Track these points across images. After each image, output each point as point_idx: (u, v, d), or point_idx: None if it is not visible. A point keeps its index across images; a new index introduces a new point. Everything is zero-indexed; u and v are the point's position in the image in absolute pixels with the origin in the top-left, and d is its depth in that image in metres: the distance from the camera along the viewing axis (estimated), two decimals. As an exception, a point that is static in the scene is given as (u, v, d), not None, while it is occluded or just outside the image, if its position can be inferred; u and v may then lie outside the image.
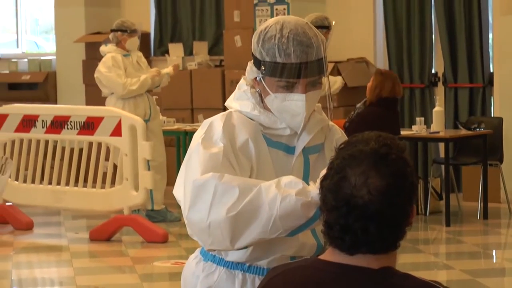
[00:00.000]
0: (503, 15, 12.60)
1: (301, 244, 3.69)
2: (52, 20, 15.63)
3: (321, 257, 2.93)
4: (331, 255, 2.88)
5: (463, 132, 12.05)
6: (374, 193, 2.73)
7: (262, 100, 3.75)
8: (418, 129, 11.72)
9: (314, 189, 3.34)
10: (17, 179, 11.90)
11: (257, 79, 3.71)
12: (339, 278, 2.84)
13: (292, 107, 3.68)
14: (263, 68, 3.67)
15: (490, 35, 13.05)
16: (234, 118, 3.73)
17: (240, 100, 3.76)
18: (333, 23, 11.48)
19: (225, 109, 3.86)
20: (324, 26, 11.16)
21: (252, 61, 3.73)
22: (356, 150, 2.82)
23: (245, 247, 3.59)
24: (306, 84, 3.67)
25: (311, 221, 3.42)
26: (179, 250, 10.06)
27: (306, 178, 3.68)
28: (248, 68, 3.75)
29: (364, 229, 2.75)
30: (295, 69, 3.64)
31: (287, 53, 3.63)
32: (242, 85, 3.79)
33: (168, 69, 11.89)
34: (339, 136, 3.84)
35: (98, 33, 14.14)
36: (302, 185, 3.40)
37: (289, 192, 3.36)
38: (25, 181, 11.85)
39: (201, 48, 14.01)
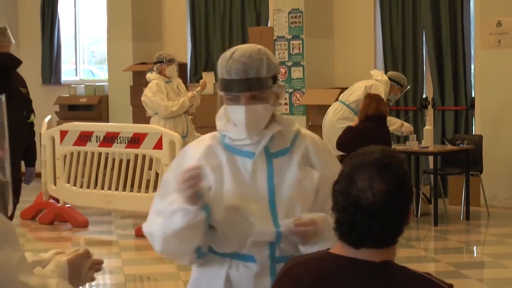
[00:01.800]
0: (483, 49, 12.56)
1: (260, 232, 3.63)
2: (105, 52, 15.63)
3: (331, 250, 2.94)
4: (339, 248, 2.91)
5: (449, 147, 12.01)
6: (378, 196, 2.79)
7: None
8: (411, 144, 11.68)
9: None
10: (75, 185, 11.92)
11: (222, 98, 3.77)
12: (347, 270, 2.86)
13: (236, 117, 3.71)
14: (219, 85, 3.75)
15: (472, 66, 12.99)
16: (205, 144, 3.80)
17: (218, 120, 3.80)
18: (408, 86, 11.72)
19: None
20: (399, 83, 11.70)
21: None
22: (363, 160, 2.87)
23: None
24: (248, 98, 3.65)
25: None
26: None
27: (270, 177, 3.72)
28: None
29: (369, 226, 2.81)
30: (234, 84, 3.67)
31: (227, 71, 3.67)
32: (223, 107, 3.82)
33: (198, 88, 11.93)
34: (309, 141, 3.80)
35: (144, 63, 14.22)
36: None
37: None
38: (81, 187, 11.85)
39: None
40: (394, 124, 11.66)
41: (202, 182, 3.53)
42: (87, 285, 9.27)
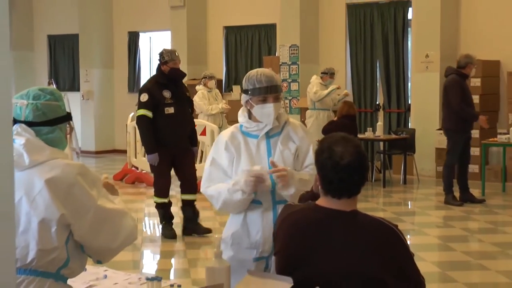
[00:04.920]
0: (416, 72, 12.49)
1: (263, 192, 3.72)
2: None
3: (317, 203, 2.89)
4: (323, 202, 2.86)
5: (393, 136, 12.00)
6: (352, 156, 2.77)
7: (249, 114, 3.79)
8: (368, 134, 11.67)
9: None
10: (148, 158, 11.95)
11: (247, 101, 3.77)
12: (329, 217, 2.82)
13: (267, 112, 3.73)
14: (250, 93, 3.73)
15: (409, 83, 12.95)
16: (230, 131, 3.87)
17: (239, 117, 3.83)
18: (331, 71, 11.83)
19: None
20: (324, 73, 11.89)
21: (243, 93, 3.80)
22: (335, 138, 2.85)
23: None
24: (272, 98, 3.73)
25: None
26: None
27: (269, 150, 3.78)
28: (241, 98, 3.83)
29: (350, 178, 2.78)
30: (264, 89, 3.71)
31: (259, 81, 3.72)
32: (242, 108, 3.84)
33: (225, 105, 11.97)
34: (291, 126, 3.84)
35: (194, 79, 14.14)
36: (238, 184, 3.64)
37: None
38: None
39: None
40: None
41: (262, 184, 3.61)
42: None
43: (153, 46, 16.68)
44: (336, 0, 13.54)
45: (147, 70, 16.67)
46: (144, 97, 7.49)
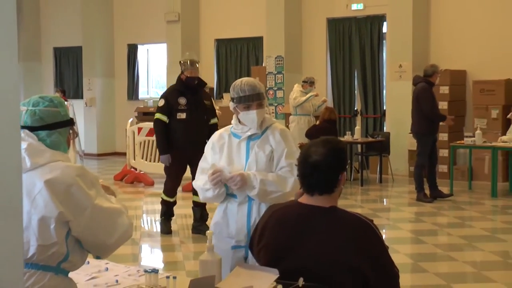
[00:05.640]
0: (391, 81, 12.53)
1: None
2: (165, 80, 15.64)
3: (300, 200, 2.90)
4: (305, 199, 2.87)
5: (370, 139, 12.03)
6: (319, 156, 2.78)
7: (238, 118, 3.81)
8: (347, 137, 11.66)
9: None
10: (146, 160, 11.92)
11: (234, 108, 3.80)
12: (311, 213, 2.83)
13: (251, 117, 3.75)
14: (235, 101, 3.76)
15: (384, 91, 12.98)
16: (219, 133, 3.94)
17: (233, 119, 3.86)
18: (312, 80, 11.59)
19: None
20: (305, 82, 11.88)
21: (230, 101, 3.84)
22: (316, 141, 2.89)
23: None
24: (255, 105, 3.74)
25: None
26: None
27: (247, 152, 3.79)
28: (230, 105, 3.85)
29: (317, 176, 2.79)
30: (247, 98, 3.73)
31: (242, 90, 3.74)
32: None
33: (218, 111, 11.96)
34: (271, 131, 3.83)
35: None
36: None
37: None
38: (150, 161, 11.87)
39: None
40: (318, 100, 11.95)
41: (221, 180, 3.70)
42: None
43: (150, 57, 16.67)
44: (317, 15, 13.57)
45: (145, 79, 16.69)
46: (161, 102, 7.48)
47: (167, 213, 7.92)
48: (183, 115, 7.40)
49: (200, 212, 7.79)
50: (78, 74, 17.07)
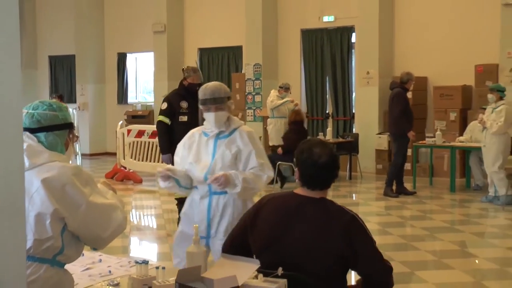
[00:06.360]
0: (359, 87, 12.58)
1: (196, 177, 3.91)
2: (152, 86, 15.58)
3: (295, 191, 2.94)
4: (300, 191, 2.91)
5: (340, 140, 12.04)
6: (328, 157, 2.85)
7: None
8: (320, 138, 11.64)
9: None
10: (135, 159, 11.87)
11: (200, 109, 3.94)
12: (303, 202, 2.87)
13: (210, 118, 3.85)
14: (200, 102, 3.89)
15: (353, 95, 13.02)
16: (192, 132, 4.03)
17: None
18: (287, 86, 11.57)
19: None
20: (280, 87, 11.56)
21: None
22: (314, 142, 2.94)
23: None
24: (215, 108, 3.81)
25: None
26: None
27: (214, 148, 3.86)
28: None
29: (326, 175, 2.86)
30: (206, 101, 3.82)
31: (204, 94, 3.83)
32: None
33: None
34: (239, 132, 3.88)
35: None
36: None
37: None
38: (138, 160, 11.83)
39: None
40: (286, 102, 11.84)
41: (170, 176, 3.84)
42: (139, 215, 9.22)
43: (138, 65, 16.57)
44: (292, 27, 13.59)
45: (133, 85, 16.62)
46: (164, 106, 7.39)
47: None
48: (184, 118, 7.32)
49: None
50: (72, 81, 16.96)
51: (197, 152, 3.89)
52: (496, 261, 6.31)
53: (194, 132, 3.98)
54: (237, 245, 3.02)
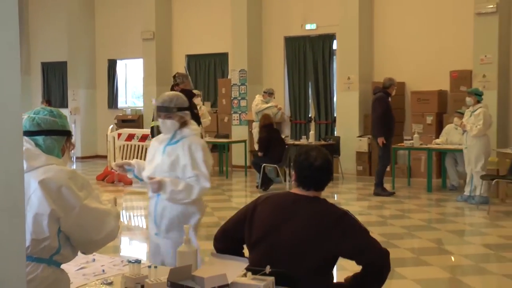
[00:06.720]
0: (340, 91, 12.62)
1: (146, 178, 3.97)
2: (142, 91, 15.53)
3: (292, 191, 3.00)
4: (296, 190, 2.98)
5: (323, 142, 11.99)
6: (323, 160, 2.94)
7: None
8: (303, 141, 11.65)
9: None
10: (125, 162, 11.82)
11: None
12: (299, 200, 2.93)
13: (160, 125, 3.88)
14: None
15: (335, 99, 13.04)
16: (159, 135, 4.03)
17: None
18: (271, 92, 11.50)
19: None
20: (265, 92, 11.69)
21: None
22: (310, 147, 3.01)
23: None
24: (163, 116, 3.84)
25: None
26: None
27: (164, 153, 3.89)
28: None
29: (320, 176, 2.95)
30: (158, 108, 3.85)
31: (158, 101, 3.88)
32: None
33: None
34: (184, 141, 3.85)
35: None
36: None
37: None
38: (129, 163, 11.77)
39: (208, 104, 13.89)
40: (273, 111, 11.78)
41: (126, 168, 3.94)
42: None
43: (128, 71, 16.51)
44: (276, 34, 13.62)
45: (123, 90, 16.56)
46: None
47: None
48: None
49: None
50: (64, 86, 16.87)
51: (153, 154, 3.96)
52: (471, 258, 6.35)
53: (159, 136, 4.05)
54: (228, 236, 3.08)
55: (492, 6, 10.83)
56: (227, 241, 3.04)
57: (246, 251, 3.18)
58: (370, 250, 2.88)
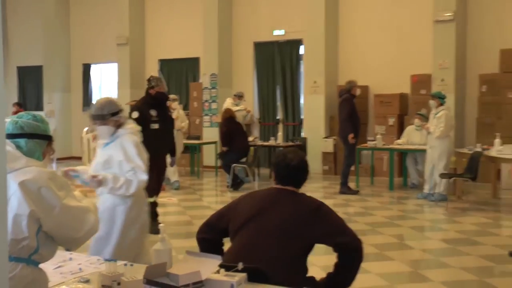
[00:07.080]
0: (307, 95, 12.66)
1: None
2: (116, 94, 15.38)
3: (274, 186, 3.12)
4: (276, 186, 3.13)
5: (290, 143, 12.04)
6: (299, 160, 3.12)
7: None
8: (271, 142, 11.71)
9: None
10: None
11: None
12: (281, 193, 3.07)
13: (97, 133, 3.94)
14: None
15: (302, 102, 13.10)
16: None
17: None
18: (241, 95, 11.47)
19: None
20: (235, 95, 11.12)
21: None
22: (287, 150, 3.23)
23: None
24: (99, 123, 3.88)
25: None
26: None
27: (103, 155, 3.93)
28: None
29: (294, 174, 3.10)
30: (92, 117, 3.89)
31: (91, 109, 3.91)
32: None
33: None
34: (120, 140, 3.91)
35: (134, 100, 13.86)
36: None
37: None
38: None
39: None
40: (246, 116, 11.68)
41: (72, 175, 3.81)
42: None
43: (102, 75, 16.36)
44: (246, 39, 13.64)
45: (98, 93, 16.39)
46: (135, 115, 7.15)
47: (151, 213, 7.73)
48: (156, 126, 7.16)
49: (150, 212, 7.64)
50: (39, 90, 16.66)
51: (96, 156, 4.05)
52: (431, 252, 6.45)
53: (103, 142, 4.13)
54: (211, 226, 3.15)
55: (449, 14, 11.02)
56: (210, 232, 3.12)
57: (226, 247, 3.19)
58: (345, 232, 3.02)
